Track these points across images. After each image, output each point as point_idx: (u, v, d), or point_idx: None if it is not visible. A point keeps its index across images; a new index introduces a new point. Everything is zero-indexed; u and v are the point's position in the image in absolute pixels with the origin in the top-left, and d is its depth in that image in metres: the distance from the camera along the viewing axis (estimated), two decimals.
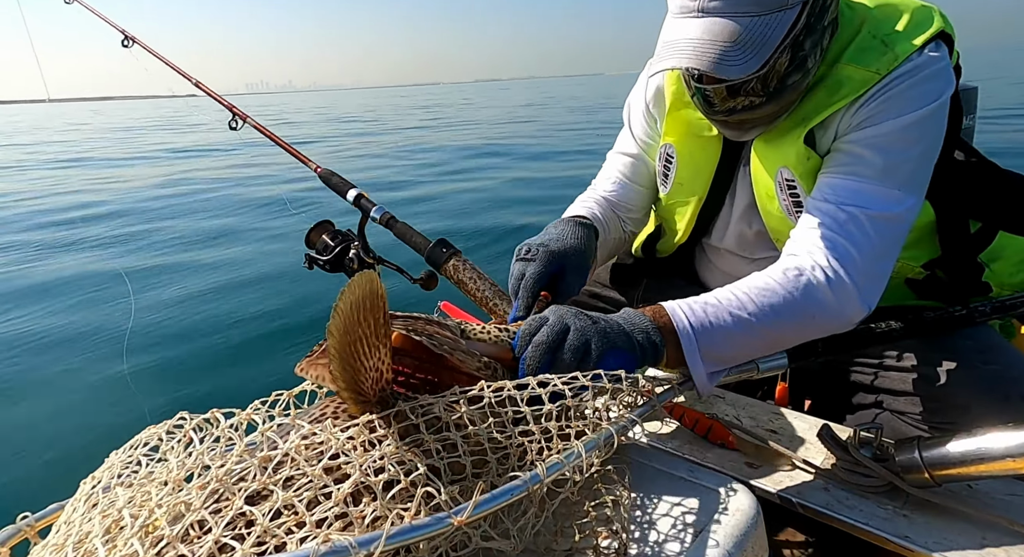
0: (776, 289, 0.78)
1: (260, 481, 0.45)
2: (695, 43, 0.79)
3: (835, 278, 0.79)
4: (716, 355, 0.75)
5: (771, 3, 0.78)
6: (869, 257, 0.80)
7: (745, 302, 0.76)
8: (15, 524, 0.53)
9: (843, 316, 0.80)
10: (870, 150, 0.83)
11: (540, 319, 0.69)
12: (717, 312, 0.75)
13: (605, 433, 0.57)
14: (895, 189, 0.82)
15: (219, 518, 0.42)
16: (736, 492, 0.62)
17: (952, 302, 0.98)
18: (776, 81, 0.85)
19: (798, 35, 0.82)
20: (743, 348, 0.77)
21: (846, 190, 0.83)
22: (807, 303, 0.77)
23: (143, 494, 0.47)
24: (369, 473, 0.46)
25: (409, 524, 0.43)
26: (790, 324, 0.78)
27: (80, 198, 7.64)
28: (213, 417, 0.52)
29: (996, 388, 0.87)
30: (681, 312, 0.75)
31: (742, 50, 0.77)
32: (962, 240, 0.97)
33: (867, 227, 0.81)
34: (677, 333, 0.73)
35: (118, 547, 0.41)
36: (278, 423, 0.53)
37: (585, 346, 0.66)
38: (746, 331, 0.75)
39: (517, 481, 0.49)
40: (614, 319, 0.71)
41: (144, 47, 1.59)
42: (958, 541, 0.64)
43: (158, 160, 10.80)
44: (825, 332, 0.82)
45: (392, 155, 11.12)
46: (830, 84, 0.87)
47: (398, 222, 1.20)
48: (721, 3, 0.78)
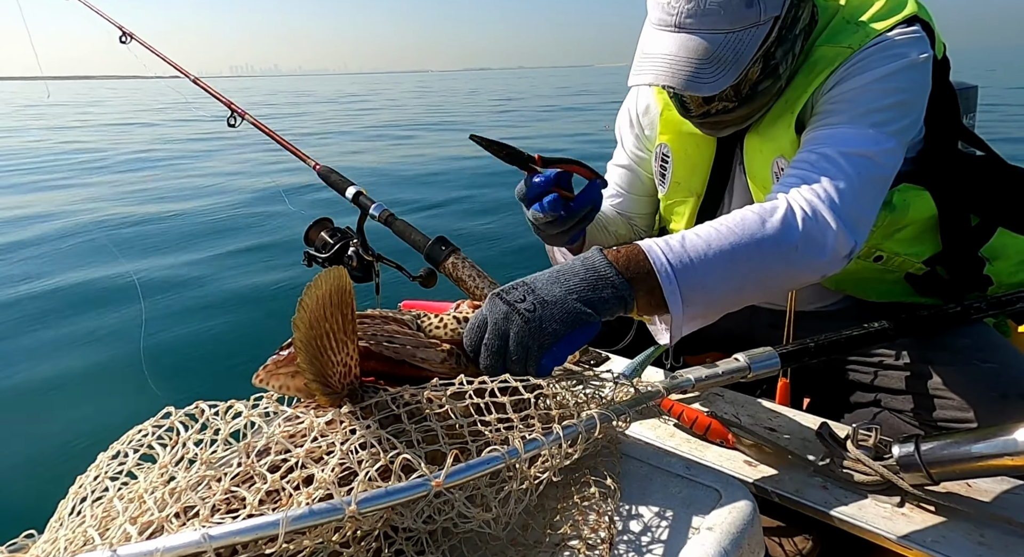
0: (754, 219, 0.73)
1: (247, 464, 0.46)
2: (670, 60, 0.82)
3: (811, 211, 0.75)
4: (698, 297, 0.68)
5: (743, 21, 0.80)
6: (847, 192, 0.77)
7: (724, 233, 0.71)
8: (20, 539, 0.53)
9: (827, 247, 0.75)
10: (841, 103, 0.85)
11: (481, 320, 0.63)
12: (696, 246, 0.69)
13: (587, 420, 0.56)
14: (868, 129, 0.81)
15: (205, 502, 0.44)
16: (733, 490, 0.62)
17: (952, 298, 0.98)
18: (748, 88, 0.89)
19: (770, 47, 0.85)
20: (726, 287, 0.71)
21: (818, 138, 0.83)
22: (786, 231, 0.73)
23: (132, 486, 0.48)
24: (354, 450, 0.47)
25: (384, 488, 0.44)
26: (772, 254, 0.73)
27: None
28: (198, 410, 0.52)
29: (994, 386, 0.87)
30: (658, 249, 0.68)
31: (714, 67, 0.80)
32: (963, 235, 0.97)
33: (841, 162, 0.79)
34: (656, 274, 0.66)
35: (110, 531, 0.42)
36: (260, 412, 0.53)
37: (525, 351, 0.60)
38: (728, 266, 0.70)
39: (495, 453, 0.50)
40: (564, 295, 0.62)
41: (141, 43, 1.59)
42: (956, 539, 0.64)
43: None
44: (814, 268, 0.76)
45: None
46: (807, 67, 0.89)
47: (397, 219, 1.20)
48: (695, 20, 0.80)
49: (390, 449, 0.48)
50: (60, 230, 5.32)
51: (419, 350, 0.60)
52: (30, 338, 3.20)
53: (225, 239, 5.00)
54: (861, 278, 1.00)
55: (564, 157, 0.85)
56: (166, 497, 0.45)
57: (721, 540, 0.56)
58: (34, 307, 3.59)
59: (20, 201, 6.63)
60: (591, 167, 0.88)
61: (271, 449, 0.48)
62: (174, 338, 3.15)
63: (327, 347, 0.51)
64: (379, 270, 1.20)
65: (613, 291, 0.64)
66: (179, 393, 2.53)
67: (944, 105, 0.91)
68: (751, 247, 0.71)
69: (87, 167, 9.11)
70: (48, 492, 0.56)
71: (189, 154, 10.31)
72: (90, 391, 2.68)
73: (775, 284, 0.76)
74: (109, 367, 2.86)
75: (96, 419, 2.42)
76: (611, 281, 0.64)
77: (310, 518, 0.42)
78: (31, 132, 15.58)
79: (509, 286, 0.64)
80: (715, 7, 0.79)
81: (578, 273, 0.64)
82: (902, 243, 0.96)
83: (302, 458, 0.46)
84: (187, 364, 2.90)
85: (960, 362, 0.91)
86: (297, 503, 0.43)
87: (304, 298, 0.50)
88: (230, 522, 0.42)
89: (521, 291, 0.63)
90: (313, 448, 0.48)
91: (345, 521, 0.43)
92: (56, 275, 4.12)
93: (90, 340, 3.15)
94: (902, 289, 1.02)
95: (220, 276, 4.09)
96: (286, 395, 0.59)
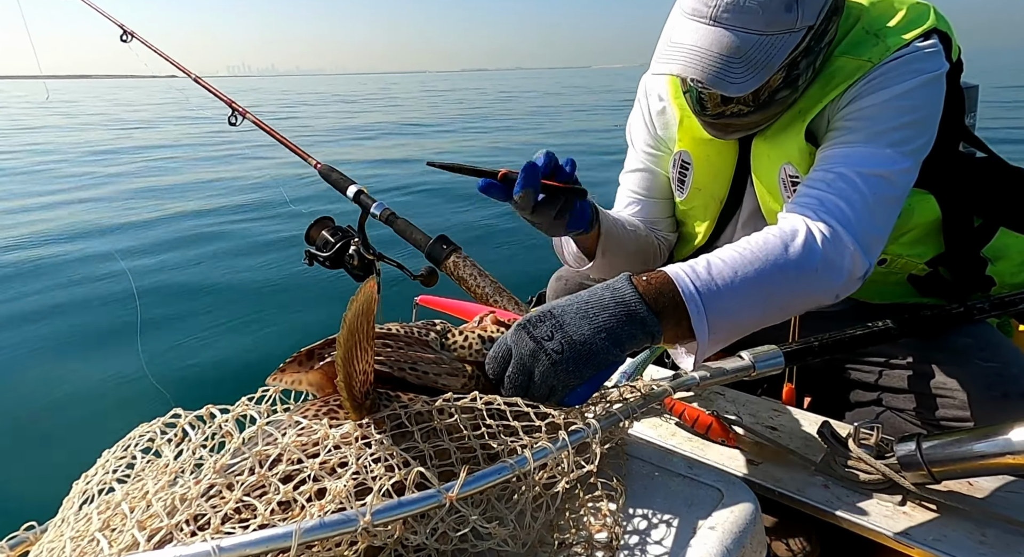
0: (775, 243, 0.73)
1: (260, 474, 0.45)
2: (701, 53, 0.79)
3: (829, 232, 0.75)
4: (723, 323, 0.68)
5: (780, 24, 0.79)
6: (862, 212, 0.77)
7: (749, 259, 0.71)
8: (20, 533, 0.53)
9: (844, 268, 0.75)
10: (858, 121, 0.84)
11: (505, 351, 0.62)
12: (721, 272, 0.69)
13: (592, 427, 0.56)
14: (885, 148, 0.81)
15: (216, 511, 0.43)
16: (735, 488, 0.62)
17: (954, 299, 0.98)
18: (767, 95, 0.87)
19: (797, 56, 0.83)
20: (751, 312, 0.71)
21: (834, 156, 0.83)
22: (808, 255, 0.73)
23: (139, 488, 0.48)
24: (366, 466, 0.47)
25: (398, 500, 0.44)
26: (795, 278, 0.73)
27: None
28: (207, 413, 0.52)
29: (996, 386, 0.87)
30: (686, 277, 0.67)
31: (745, 67, 0.79)
32: (966, 235, 0.97)
33: (857, 182, 0.78)
34: (685, 304, 0.65)
35: (117, 541, 0.42)
36: (268, 421, 0.53)
37: (549, 390, 0.60)
38: (753, 291, 0.70)
39: (505, 463, 0.49)
40: (592, 335, 0.60)
41: (142, 41, 1.59)
42: (958, 538, 0.64)
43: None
44: (832, 290, 0.77)
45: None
46: (824, 77, 0.88)
47: (398, 218, 1.20)
48: (732, 16, 0.78)
49: (403, 465, 0.48)
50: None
51: (441, 378, 0.60)
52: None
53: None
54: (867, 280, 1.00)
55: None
56: (176, 503, 0.44)
57: (723, 539, 0.56)
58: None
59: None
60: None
61: (283, 459, 0.48)
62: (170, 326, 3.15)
63: (355, 356, 0.51)
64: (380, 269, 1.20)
65: (642, 327, 0.62)
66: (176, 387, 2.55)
67: (952, 108, 0.90)
68: (775, 272, 0.71)
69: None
70: (39, 481, 0.56)
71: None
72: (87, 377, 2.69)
73: (794, 307, 0.76)
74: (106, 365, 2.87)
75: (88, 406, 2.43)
76: (640, 317, 0.62)
77: (323, 530, 0.41)
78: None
79: (536, 317, 0.62)
80: (755, 5, 0.77)
81: (608, 307, 0.62)
82: (905, 246, 0.96)
83: (315, 470, 0.46)
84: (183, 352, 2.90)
85: (962, 362, 0.91)
86: (310, 515, 0.43)
87: (348, 314, 0.50)
88: (241, 533, 0.41)
89: (549, 326, 0.61)
90: (326, 459, 0.47)
91: (359, 533, 0.42)
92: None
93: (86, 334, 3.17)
94: (905, 290, 1.02)
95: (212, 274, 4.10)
96: (297, 390, 0.60)
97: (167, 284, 3.93)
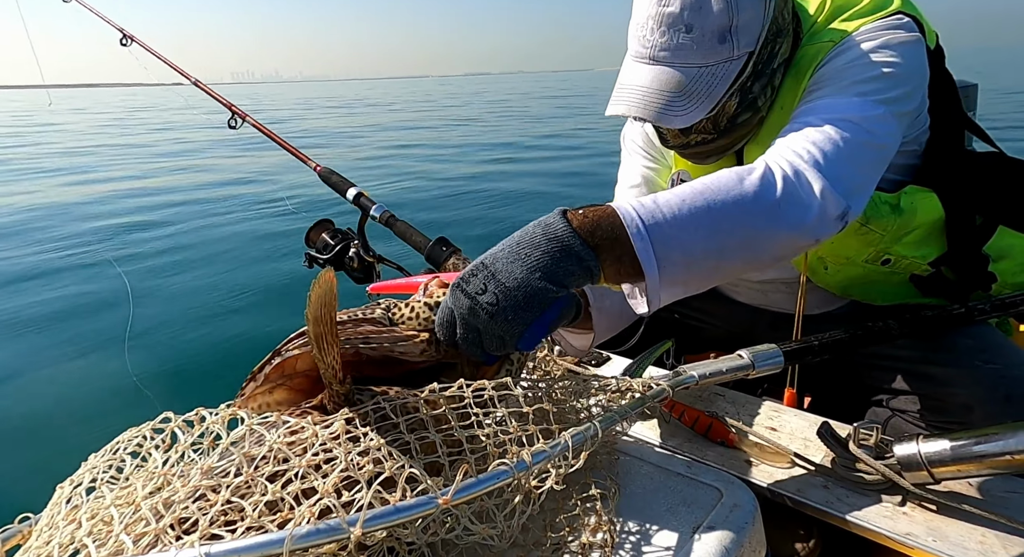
0: (730, 176, 0.69)
1: (247, 474, 0.45)
2: (643, 92, 0.83)
3: (791, 170, 0.70)
4: (675, 255, 0.63)
5: (716, 56, 0.80)
6: (830, 152, 0.73)
7: (700, 189, 0.66)
8: (15, 525, 0.53)
9: (812, 206, 0.70)
10: (823, 80, 0.84)
11: (448, 314, 0.61)
12: (668, 201, 0.64)
13: (591, 428, 0.56)
14: (852, 97, 0.79)
15: (204, 513, 0.43)
16: (734, 489, 0.62)
17: (956, 299, 0.97)
18: (726, 121, 0.89)
19: (746, 81, 0.85)
20: (705, 246, 0.65)
21: (802, 111, 0.82)
22: (764, 187, 0.68)
23: (128, 492, 0.47)
24: (354, 463, 0.47)
25: (393, 506, 0.43)
26: (754, 212, 0.68)
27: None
28: (197, 417, 0.52)
29: (997, 387, 0.87)
30: (629, 207, 0.63)
31: (687, 100, 0.81)
32: (968, 234, 0.97)
33: (824, 127, 0.75)
34: (627, 233, 0.61)
35: (107, 545, 0.41)
36: (257, 422, 0.53)
37: (500, 340, 0.59)
38: (705, 222, 0.65)
39: (504, 467, 0.49)
40: (526, 276, 0.58)
41: (142, 45, 1.59)
42: (958, 539, 0.64)
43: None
44: (803, 228, 0.70)
45: None
46: (792, 69, 0.89)
47: (398, 220, 1.20)
48: (669, 54, 0.81)
49: (390, 458, 0.48)
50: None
51: (397, 345, 0.60)
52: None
53: None
54: (868, 281, 1.00)
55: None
56: (160, 507, 0.44)
57: (723, 539, 0.56)
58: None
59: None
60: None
61: (269, 458, 0.48)
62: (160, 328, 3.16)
63: (322, 348, 0.51)
64: (380, 271, 1.21)
65: (578, 262, 0.60)
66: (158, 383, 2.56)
67: (944, 94, 0.90)
68: (728, 202, 0.66)
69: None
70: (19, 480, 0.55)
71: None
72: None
73: (761, 247, 0.70)
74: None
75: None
76: (575, 252, 0.60)
77: (315, 537, 0.41)
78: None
79: (468, 273, 0.60)
80: (688, 42, 0.79)
81: (539, 245, 0.60)
82: (909, 246, 0.96)
83: (303, 468, 0.46)
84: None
85: (963, 362, 0.91)
86: (300, 518, 0.42)
87: (309, 310, 0.51)
88: (231, 539, 0.41)
89: (481, 279, 0.59)
90: (312, 457, 0.47)
91: (351, 543, 0.42)
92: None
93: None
94: (907, 291, 1.02)
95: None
96: (264, 412, 0.60)
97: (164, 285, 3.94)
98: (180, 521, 0.43)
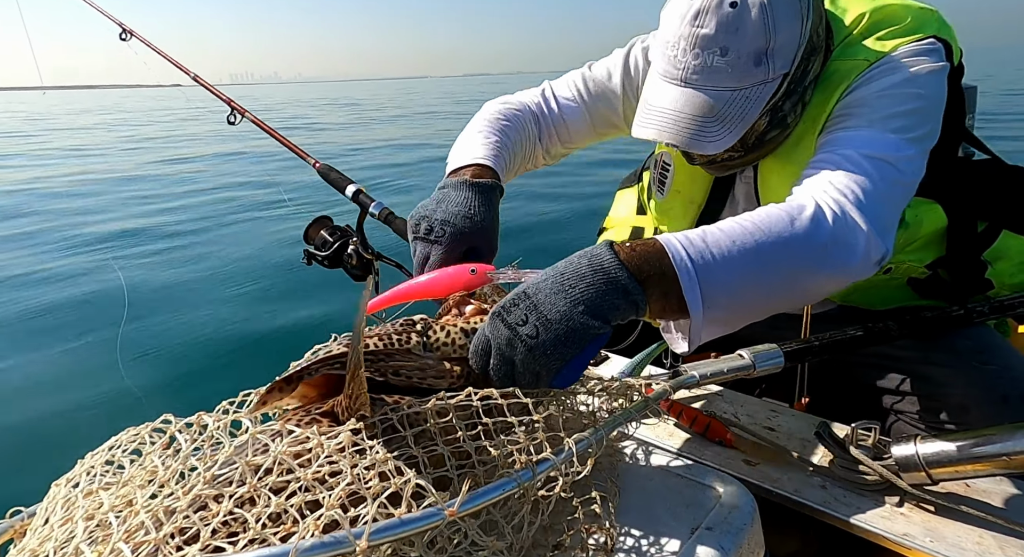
0: (780, 216, 0.68)
1: (251, 485, 0.45)
2: (675, 116, 0.79)
3: (839, 209, 0.70)
4: (720, 296, 0.62)
5: (751, 78, 0.77)
6: (873, 194, 0.73)
7: (750, 229, 0.65)
8: (7, 519, 0.53)
9: (857, 248, 0.70)
10: (859, 107, 0.82)
11: (484, 343, 0.60)
12: (718, 241, 0.63)
13: (596, 433, 0.56)
14: (888, 134, 0.78)
15: (205, 523, 0.42)
16: (733, 489, 0.62)
17: (953, 301, 0.98)
18: (755, 138, 0.86)
19: (778, 101, 0.82)
20: (752, 288, 0.65)
21: (838, 139, 0.80)
22: (815, 230, 0.68)
23: (125, 496, 0.47)
24: (361, 477, 0.46)
25: (399, 518, 0.43)
26: (800, 253, 0.68)
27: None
28: (198, 421, 0.51)
29: (994, 388, 0.87)
30: (677, 244, 0.62)
31: (719, 125, 0.78)
32: (969, 240, 0.97)
33: (864, 165, 0.75)
34: (675, 271, 0.61)
35: (103, 552, 0.41)
36: (260, 430, 0.53)
37: (535, 377, 0.58)
38: (754, 263, 0.64)
39: (509, 478, 0.49)
40: (569, 309, 0.57)
41: (142, 40, 1.59)
42: (955, 539, 0.64)
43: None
44: (846, 271, 0.71)
45: None
46: (822, 83, 0.86)
47: (396, 218, 1.20)
48: (702, 77, 0.78)
49: (397, 472, 0.47)
50: None
51: (427, 378, 0.59)
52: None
53: None
54: (869, 286, 1.00)
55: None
56: (160, 516, 0.43)
57: (720, 540, 0.56)
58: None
59: None
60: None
61: (273, 469, 0.47)
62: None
63: (352, 383, 0.51)
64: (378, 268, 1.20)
65: (624, 296, 0.58)
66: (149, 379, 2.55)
67: (953, 111, 0.89)
68: (779, 244, 0.66)
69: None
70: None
71: None
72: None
73: (804, 288, 0.71)
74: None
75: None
76: (622, 285, 0.58)
77: (320, 550, 0.40)
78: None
79: (510, 302, 0.59)
80: (722, 65, 0.76)
81: (585, 277, 0.58)
82: (910, 253, 0.96)
83: (308, 481, 0.45)
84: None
85: (961, 363, 0.91)
86: (304, 529, 0.42)
87: (358, 316, 0.51)
88: (233, 552, 0.40)
89: (523, 309, 0.58)
90: (318, 469, 0.47)
91: (356, 554, 0.41)
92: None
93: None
94: (905, 294, 1.02)
95: None
96: (282, 408, 0.59)
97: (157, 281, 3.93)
98: (181, 531, 0.42)
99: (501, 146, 0.93)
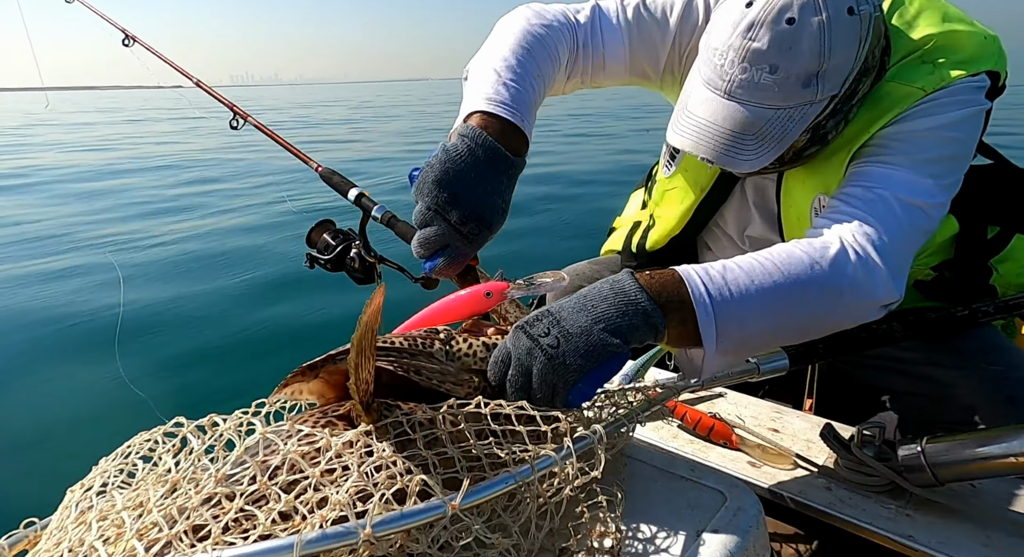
0: (802, 258, 0.69)
1: (261, 483, 0.45)
2: (714, 130, 0.77)
3: (863, 255, 0.71)
4: (733, 333, 0.64)
5: (797, 99, 0.74)
6: (898, 240, 0.73)
7: (769, 269, 0.66)
8: (20, 530, 0.53)
9: (874, 295, 0.71)
10: (902, 143, 0.79)
11: (504, 354, 0.61)
12: (737, 279, 0.65)
13: (598, 433, 0.56)
14: (927, 178, 0.77)
15: (217, 521, 0.43)
16: (738, 491, 0.62)
17: (957, 303, 0.97)
18: (792, 154, 0.83)
19: (821, 120, 0.79)
20: (765, 327, 0.67)
21: (876, 175, 0.78)
22: (836, 276, 0.69)
23: (139, 496, 0.47)
24: (369, 475, 0.47)
25: (400, 511, 0.44)
26: (818, 299, 0.69)
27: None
28: (210, 422, 0.52)
29: (1000, 389, 0.87)
30: (697, 278, 0.64)
31: (758, 143, 0.76)
32: (978, 245, 0.96)
33: (897, 210, 0.74)
34: (693, 304, 0.63)
35: (116, 551, 0.41)
36: (272, 430, 0.53)
37: (551, 389, 0.58)
38: (770, 304, 0.66)
39: (509, 472, 0.49)
40: (590, 325, 0.59)
41: (144, 46, 1.59)
42: (961, 541, 0.64)
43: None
44: (854, 316, 0.73)
45: None
46: (871, 102, 0.82)
47: (399, 221, 1.20)
48: (747, 93, 0.75)
49: (406, 472, 0.48)
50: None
51: (446, 384, 0.60)
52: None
53: None
54: None
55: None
56: (174, 514, 0.44)
57: (726, 542, 0.55)
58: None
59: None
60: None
61: (283, 468, 0.47)
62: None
63: (362, 364, 0.51)
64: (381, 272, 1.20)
65: (644, 318, 0.60)
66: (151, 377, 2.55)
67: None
68: (796, 288, 0.67)
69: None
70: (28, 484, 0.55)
71: None
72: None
73: (813, 330, 0.72)
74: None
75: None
76: (642, 307, 0.60)
77: (324, 541, 0.41)
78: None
79: (534, 317, 0.61)
80: (769, 82, 0.73)
81: (606, 298, 0.60)
82: (919, 258, 0.96)
83: (317, 478, 0.45)
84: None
85: (966, 364, 0.91)
86: (312, 525, 0.42)
87: (364, 317, 0.51)
88: (241, 544, 0.41)
89: (546, 323, 0.60)
90: (327, 468, 0.47)
91: (360, 544, 0.42)
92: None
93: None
94: (910, 295, 1.01)
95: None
96: (297, 400, 0.60)
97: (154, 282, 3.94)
98: (194, 528, 0.43)
99: (535, 92, 0.82)
